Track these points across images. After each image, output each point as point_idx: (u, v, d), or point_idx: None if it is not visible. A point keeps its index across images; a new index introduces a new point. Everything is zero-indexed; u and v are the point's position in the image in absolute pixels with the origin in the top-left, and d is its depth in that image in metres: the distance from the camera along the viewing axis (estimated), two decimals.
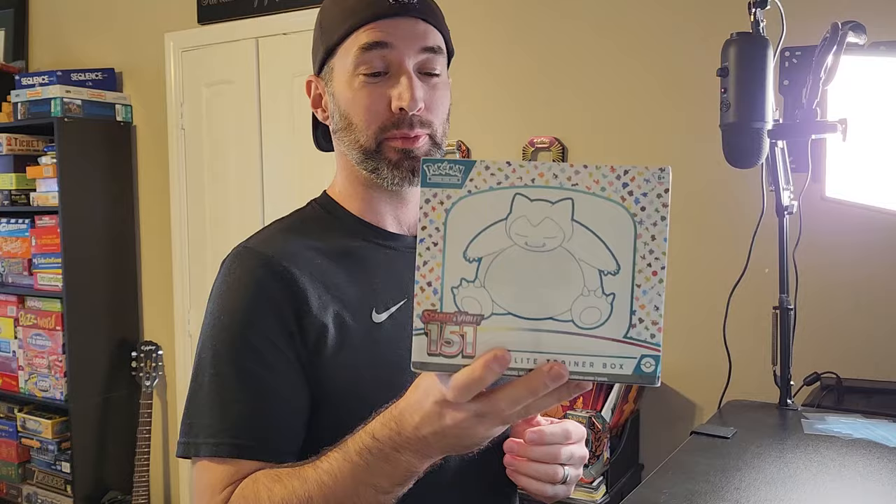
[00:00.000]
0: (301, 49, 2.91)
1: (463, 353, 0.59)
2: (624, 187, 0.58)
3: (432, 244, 0.59)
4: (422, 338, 0.60)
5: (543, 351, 0.59)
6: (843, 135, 1.37)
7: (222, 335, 0.88)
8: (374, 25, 0.91)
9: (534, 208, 0.58)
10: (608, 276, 0.59)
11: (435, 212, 0.59)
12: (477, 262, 0.59)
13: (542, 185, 0.58)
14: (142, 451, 3.07)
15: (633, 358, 0.59)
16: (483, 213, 0.59)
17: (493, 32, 2.50)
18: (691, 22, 2.21)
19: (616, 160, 2.38)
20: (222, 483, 0.84)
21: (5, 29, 3.67)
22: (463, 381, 0.60)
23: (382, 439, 0.71)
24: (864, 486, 1.08)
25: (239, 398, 0.86)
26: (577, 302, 0.59)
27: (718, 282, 1.90)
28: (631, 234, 0.58)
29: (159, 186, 3.31)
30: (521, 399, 0.60)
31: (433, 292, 0.59)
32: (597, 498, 2.03)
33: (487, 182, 0.59)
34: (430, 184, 0.59)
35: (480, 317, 0.59)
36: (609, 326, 0.59)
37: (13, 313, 3.31)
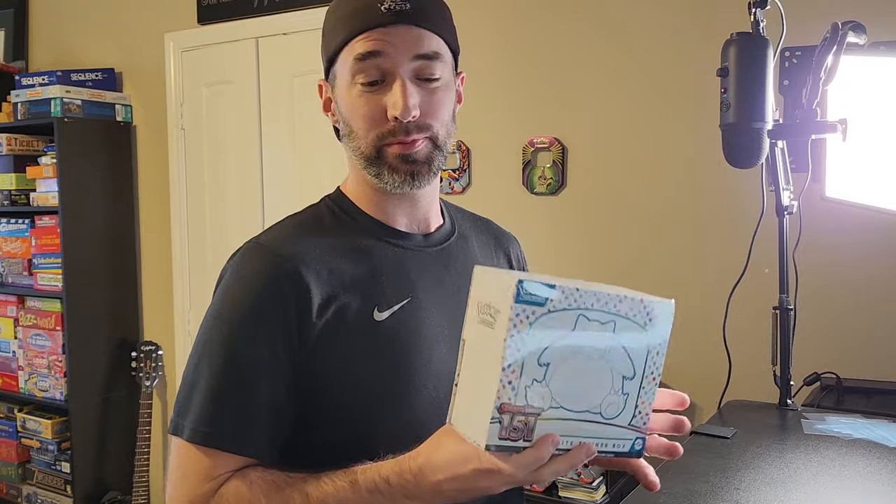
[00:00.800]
0: (301, 49, 2.91)
1: (524, 438, 0.72)
2: (646, 315, 0.75)
3: (517, 349, 0.70)
4: (496, 425, 0.71)
5: (578, 435, 0.74)
6: (843, 135, 1.37)
7: (222, 327, 0.90)
8: (367, 35, 0.92)
9: (590, 327, 0.73)
10: (626, 381, 0.75)
11: (522, 324, 0.70)
12: (546, 367, 0.72)
13: (598, 309, 0.73)
14: (142, 451, 3.07)
15: (629, 440, 0.77)
16: (555, 328, 0.71)
17: (494, 32, 2.50)
18: (691, 22, 2.21)
19: (616, 160, 2.39)
20: (209, 473, 0.86)
21: (5, 29, 3.67)
22: (528, 460, 0.71)
23: (395, 486, 0.77)
24: (864, 486, 1.08)
25: (226, 392, 0.88)
26: (606, 399, 0.75)
27: (718, 282, 1.90)
28: (646, 351, 0.76)
29: (159, 186, 3.31)
30: (562, 469, 0.74)
31: (511, 389, 0.71)
32: (597, 498, 2.03)
33: (562, 304, 0.71)
34: (522, 300, 0.70)
35: (542, 409, 0.72)
36: (621, 417, 0.76)
37: (13, 313, 3.31)
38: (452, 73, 0.99)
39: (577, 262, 2.37)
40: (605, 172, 2.37)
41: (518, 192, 2.48)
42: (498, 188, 2.52)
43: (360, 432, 0.89)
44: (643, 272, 2.30)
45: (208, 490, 0.85)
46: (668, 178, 2.27)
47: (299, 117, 2.92)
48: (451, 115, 0.98)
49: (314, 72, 3.26)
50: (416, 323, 0.95)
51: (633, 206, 2.32)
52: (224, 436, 0.86)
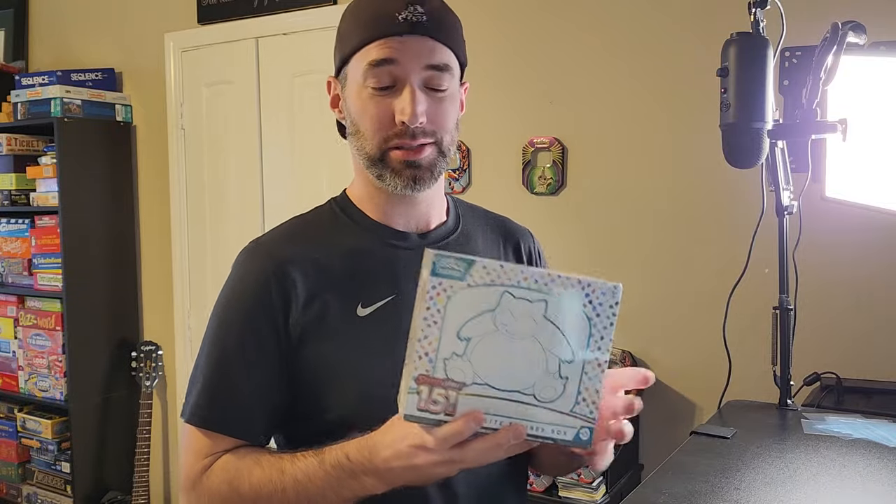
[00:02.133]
0: (301, 49, 2.91)
1: (445, 412, 0.72)
2: (586, 296, 0.73)
3: (433, 322, 0.71)
4: (414, 396, 0.72)
5: (508, 416, 0.73)
6: (843, 135, 1.37)
7: (222, 322, 1.00)
8: (383, 42, 0.96)
9: (517, 305, 0.72)
10: (565, 364, 0.74)
11: (438, 297, 0.71)
12: (466, 341, 0.72)
13: (526, 286, 0.72)
14: (142, 451, 3.07)
15: (573, 428, 0.75)
16: (476, 303, 0.72)
17: (494, 33, 2.50)
18: (691, 22, 2.21)
19: (616, 160, 2.39)
20: (204, 451, 0.96)
21: (5, 29, 3.67)
22: (447, 433, 0.72)
23: (354, 462, 0.82)
24: (864, 486, 1.08)
25: (224, 381, 0.98)
26: (540, 380, 0.73)
27: (718, 282, 1.90)
28: (586, 334, 0.74)
29: (159, 186, 3.31)
30: (487, 451, 0.74)
31: (428, 360, 0.71)
32: (597, 498, 2.03)
33: (483, 279, 0.72)
34: (437, 274, 0.71)
35: (463, 384, 0.72)
36: (560, 402, 0.74)
37: (13, 313, 3.31)
38: (458, 84, 1.05)
39: (577, 262, 2.37)
40: (605, 172, 2.37)
41: (518, 192, 2.48)
42: (498, 188, 2.52)
43: (349, 422, 0.91)
44: (643, 272, 2.30)
45: (202, 466, 0.95)
46: (668, 178, 2.27)
47: (299, 117, 2.92)
48: (456, 124, 1.04)
49: (314, 72, 3.27)
50: (400, 319, 0.96)
51: (632, 206, 2.32)
52: (215, 419, 0.97)
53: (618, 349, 2.27)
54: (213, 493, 0.93)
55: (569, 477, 2.04)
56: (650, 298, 2.28)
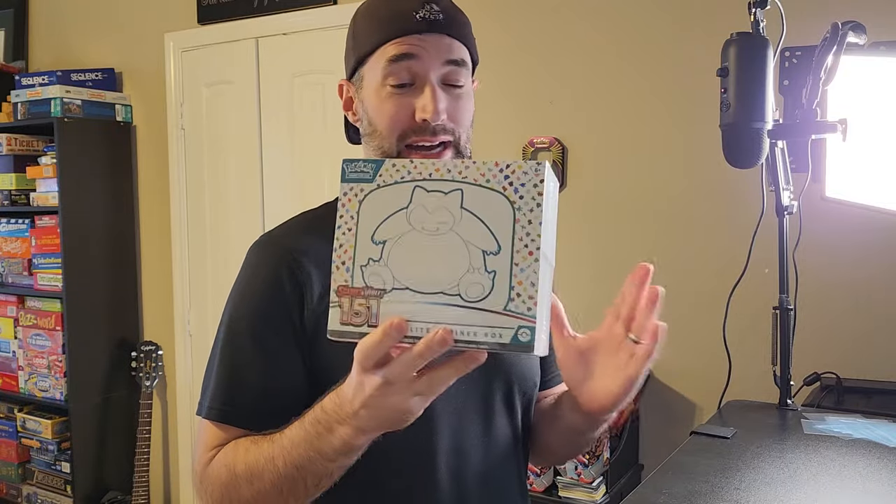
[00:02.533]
0: (301, 49, 2.91)
1: (368, 323, 0.68)
2: (505, 179, 0.67)
3: (347, 230, 0.69)
4: (336, 310, 0.68)
5: (435, 321, 0.66)
6: (843, 135, 1.37)
7: (236, 315, 1.00)
8: (401, 40, 0.97)
9: (430, 198, 0.68)
10: (490, 256, 0.66)
11: (350, 203, 0.69)
12: (382, 245, 0.68)
13: (438, 178, 0.68)
14: (142, 451, 3.07)
15: (510, 328, 0.66)
16: (388, 203, 0.68)
17: (494, 32, 2.50)
18: (691, 22, 2.21)
19: (616, 160, 2.39)
20: (212, 444, 0.96)
21: (5, 29, 3.67)
22: (366, 345, 0.68)
23: (328, 411, 0.79)
24: (864, 486, 1.08)
25: (238, 375, 0.97)
26: (464, 278, 0.67)
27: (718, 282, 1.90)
28: (510, 219, 0.66)
29: (159, 186, 3.31)
30: (414, 362, 0.67)
31: (346, 270, 0.68)
32: (597, 498, 2.03)
33: (393, 177, 0.68)
34: (347, 179, 0.69)
35: (383, 291, 0.67)
36: (490, 300, 0.66)
37: (13, 313, 3.31)
38: (471, 81, 1.05)
39: (577, 263, 2.37)
40: (605, 172, 2.37)
41: None
42: None
43: None
44: None
45: (210, 457, 0.95)
46: (668, 178, 2.27)
47: (299, 117, 2.92)
48: (471, 122, 1.04)
49: (314, 72, 3.27)
50: None
51: (632, 206, 2.32)
52: (230, 413, 0.96)
53: None
54: (214, 480, 0.93)
55: (568, 477, 2.04)
56: None
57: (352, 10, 1.06)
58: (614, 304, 0.89)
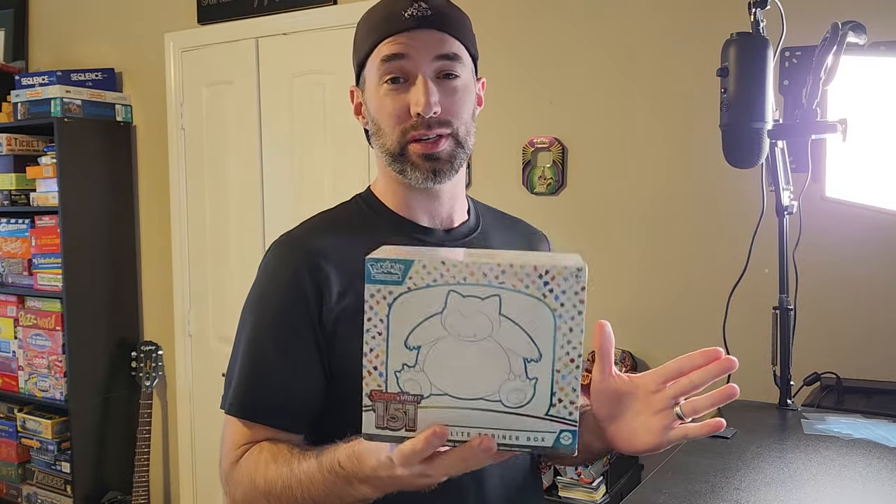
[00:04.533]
0: (301, 49, 2.91)
1: (406, 427, 0.68)
2: (545, 285, 0.66)
3: (377, 333, 0.67)
4: (370, 413, 0.68)
5: (475, 426, 0.68)
6: (843, 135, 1.37)
7: (256, 315, 1.03)
8: (392, 39, 1.00)
9: (466, 304, 0.66)
10: (531, 363, 0.67)
11: (379, 305, 0.67)
12: (416, 350, 0.67)
13: (473, 283, 0.66)
14: (142, 451, 3.07)
15: (553, 433, 0.68)
16: (421, 307, 0.67)
17: (494, 32, 2.50)
18: (691, 22, 2.21)
19: (616, 160, 2.39)
20: (238, 441, 0.99)
21: (5, 29, 3.67)
22: (408, 452, 0.69)
23: (346, 469, 0.82)
24: (864, 486, 1.08)
25: (261, 372, 1.00)
26: (505, 385, 0.67)
27: (718, 282, 1.90)
28: (551, 327, 0.66)
29: (159, 186, 3.31)
30: (455, 466, 0.70)
31: (379, 375, 0.67)
32: (597, 498, 2.03)
33: (424, 280, 0.66)
34: (374, 280, 0.67)
35: (420, 397, 0.68)
36: (532, 406, 0.67)
37: (13, 313, 3.31)
38: (472, 76, 1.07)
39: None
40: (605, 172, 2.37)
41: (518, 192, 2.48)
42: (498, 188, 2.52)
43: None
44: (643, 272, 2.30)
45: (236, 456, 0.98)
46: (668, 178, 2.27)
47: (299, 117, 2.92)
48: (472, 115, 1.06)
49: (314, 72, 3.28)
50: None
51: (632, 206, 2.32)
52: (253, 409, 0.99)
53: (618, 349, 2.27)
54: (238, 484, 0.96)
55: (568, 477, 2.04)
56: (650, 298, 2.28)
57: (352, 10, 1.07)
58: (676, 364, 0.86)
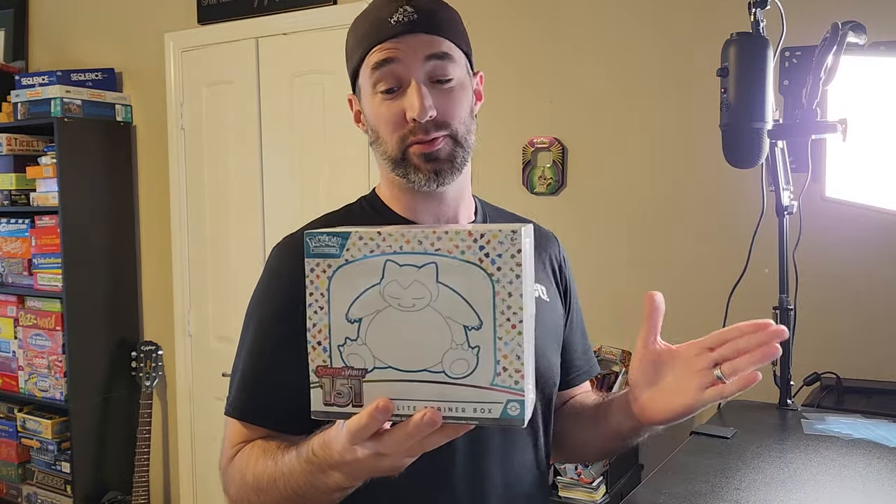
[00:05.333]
0: (301, 49, 2.91)
1: (353, 403, 0.67)
2: (481, 250, 0.64)
3: (319, 308, 0.67)
4: (317, 390, 0.68)
5: (421, 399, 0.67)
6: (843, 135, 1.37)
7: (257, 316, 1.04)
8: (380, 46, 0.99)
9: (403, 273, 0.66)
10: (472, 331, 0.65)
11: (319, 279, 0.67)
12: (357, 323, 0.66)
13: (409, 251, 0.65)
14: (142, 451, 3.07)
15: (499, 403, 0.66)
16: (360, 279, 0.66)
17: (494, 33, 2.50)
18: (691, 22, 2.21)
19: (616, 160, 2.38)
20: (234, 440, 1.01)
21: (5, 29, 3.67)
22: (353, 427, 0.68)
23: (319, 456, 0.81)
24: (864, 486, 1.08)
25: (260, 375, 1.01)
26: (447, 355, 0.66)
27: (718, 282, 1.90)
28: (490, 293, 0.65)
29: (159, 186, 3.31)
30: (404, 441, 0.68)
31: (323, 350, 0.67)
32: (597, 498, 2.03)
33: (362, 251, 0.66)
34: (312, 254, 0.67)
35: (364, 371, 0.67)
36: (476, 375, 0.66)
37: (13, 313, 3.31)
38: (467, 73, 1.06)
39: (576, 263, 2.37)
40: (605, 172, 2.37)
41: (518, 192, 2.48)
42: (498, 188, 2.52)
43: None
44: (643, 272, 2.30)
45: (232, 454, 1.00)
46: (668, 179, 2.27)
47: (299, 117, 2.92)
48: (470, 113, 1.05)
49: (314, 72, 3.27)
50: None
51: (632, 206, 2.32)
52: (252, 410, 1.01)
53: (618, 349, 2.27)
54: (232, 480, 0.98)
55: (568, 477, 2.04)
56: None
57: (351, 10, 1.07)
58: (719, 334, 0.91)
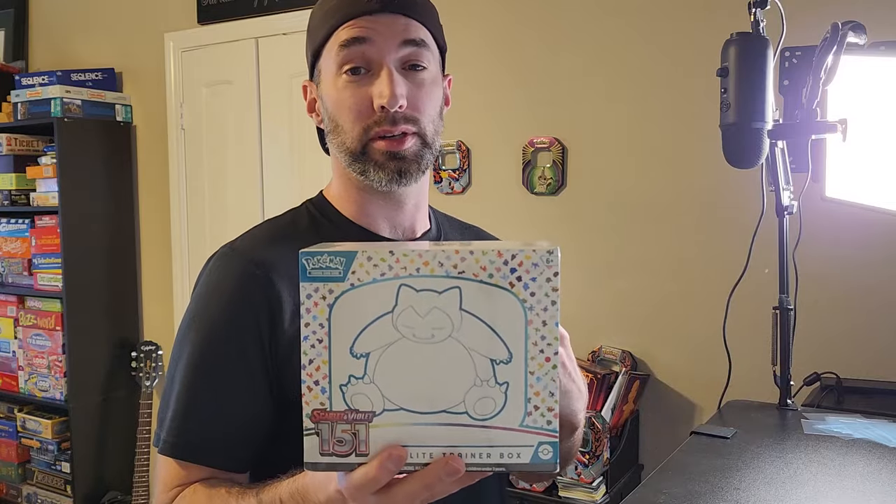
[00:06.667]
0: (301, 49, 2.90)
1: (356, 452, 0.57)
2: (512, 272, 0.56)
3: (317, 341, 0.57)
4: (313, 437, 0.57)
5: (439, 444, 0.57)
6: (843, 135, 1.37)
7: (195, 338, 0.89)
8: (353, 23, 0.89)
9: (420, 299, 0.56)
10: (500, 365, 0.57)
11: (317, 307, 0.57)
12: (365, 358, 0.57)
13: (428, 274, 0.56)
14: (142, 451, 3.07)
15: (530, 446, 0.58)
16: (367, 307, 0.57)
17: (493, 32, 2.50)
18: (691, 22, 2.21)
19: (616, 160, 2.38)
20: (171, 482, 0.86)
21: (5, 29, 3.67)
22: (359, 481, 0.58)
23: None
24: (864, 486, 1.08)
25: (199, 406, 0.87)
26: (471, 393, 0.57)
27: (718, 282, 1.90)
28: (522, 321, 0.57)
29: (159, 186, 3.31)
30: (418, 493, 0.58)
31: (321, 391, 0.57)
32: (597, 498, 2.03)
33: (371, 274, 0.56)
34: (310, 278, 0.56)
35: (372, 414, 0.57)
36: (504, 416, 0.57)
37: (13, 313, 3.31)
38: (440, 69, 0.96)
39: (576, 263, 2.37)
40: (605, 172, 2.37)
41: (518, 192, 2.48)
42: (498, 188, 2.52)
43: None
44: (643, 272, 2.30)
45: (169, 498, 0.86)
46: (668, 179, 2.27)
47: (299, 117, 2.91)
48: (439, 112, 0.95)
49: None
50: None
51: (632, 206, 2.32)
52: (187, 447, 0.86)
53: (618, 349, 2.27)
54: None
55: (568, 477, 2.04)
56: (650, 298, 2.28)
57: None
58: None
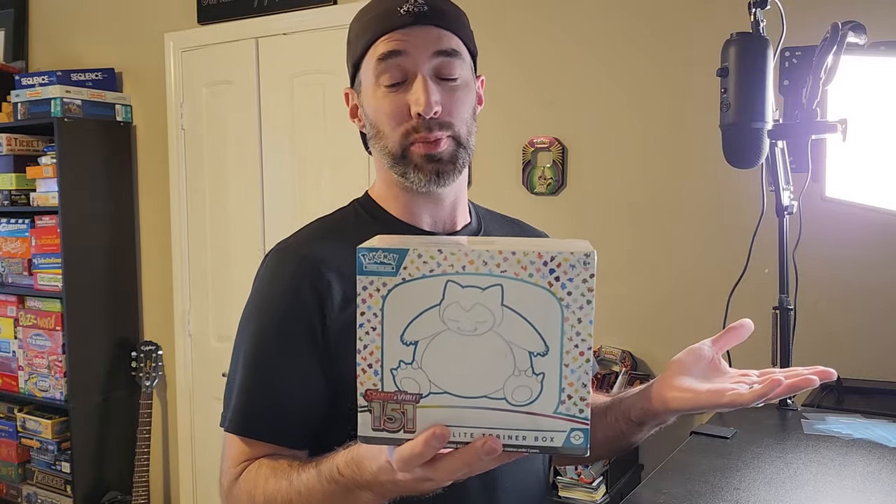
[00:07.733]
0: (301, 49, 2.91)
1: (405, 429, 0.64)
2: (551, 273, 0.62)
3: (371, 329, 0.64)
4: (366, 414, 0.64)
5: (478, 426, 0.64)
6: (843, 135, 1.37)
7: (254, 328, 0.99)
8: (388, 36, 0.96)
9: (465, 294, 0.63)
10: (538, 357, 0.63)
11: (372, 298, 0.63)
12: (413, 346, 0.63)
13: (473, 272, 0.62)
14: (142, 451, 3.07)
15: (562, 431, 0.64)
16: (417, 300, 0.63)
17: (493, 32, 2.50)
18: (691, 22, 2.21)
19: (616, 160, 2.38)
20: (238, 458, 0.96)
21: (5, 29, 3.67)
22: (406, 455, 0.65)
23: (346, 475, 0.78)
24: (864, 486, 1.08)
25: (261, 388, 0.97)
26: (509, 381, 0.63)
27: (718, 282, 1.90)
28: (558, 318, 0.62)
29: (159, 186, 3.31)
30: (458, 469, 0.65)
31: (374, 373, 0.64)
32: (597, 498, 2.03)
33: (420, 270, 0.63)
34: (366, 272, 0.63)
35: (419, 395, 0.64)
36: (540, 403, 0.64)
37: (13, 313, 3.31)
38: (472, 73, 1.03)
39: None
40: (605, 172, 2.37)
41: (518, 192, 2.48)
42: (498, 188, 2.52)
43: None
44: (643, 272, 2.30)
45: (235, 474, 0.95)
46: (668, 178, 2.27)
47: (299, 117, 2.92)
48: (472, 114, 1.02)
49: (314, 72, 3.27)
50: None
51: (632, 206, 2.32)
52: (251, 426, 0.96)
53: (618, 349, 2.27)
54: (237, 502, 0.94)
55: (568, 476, 2.04)
56: (650, 298, 2.28)
57: (352, 10, 1.06)
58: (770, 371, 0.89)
